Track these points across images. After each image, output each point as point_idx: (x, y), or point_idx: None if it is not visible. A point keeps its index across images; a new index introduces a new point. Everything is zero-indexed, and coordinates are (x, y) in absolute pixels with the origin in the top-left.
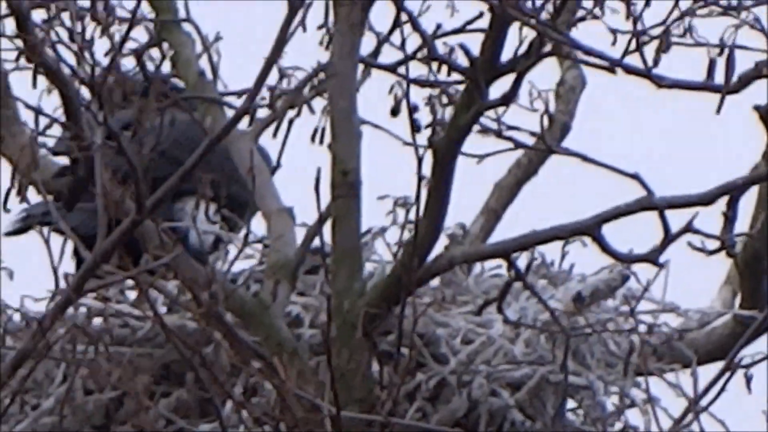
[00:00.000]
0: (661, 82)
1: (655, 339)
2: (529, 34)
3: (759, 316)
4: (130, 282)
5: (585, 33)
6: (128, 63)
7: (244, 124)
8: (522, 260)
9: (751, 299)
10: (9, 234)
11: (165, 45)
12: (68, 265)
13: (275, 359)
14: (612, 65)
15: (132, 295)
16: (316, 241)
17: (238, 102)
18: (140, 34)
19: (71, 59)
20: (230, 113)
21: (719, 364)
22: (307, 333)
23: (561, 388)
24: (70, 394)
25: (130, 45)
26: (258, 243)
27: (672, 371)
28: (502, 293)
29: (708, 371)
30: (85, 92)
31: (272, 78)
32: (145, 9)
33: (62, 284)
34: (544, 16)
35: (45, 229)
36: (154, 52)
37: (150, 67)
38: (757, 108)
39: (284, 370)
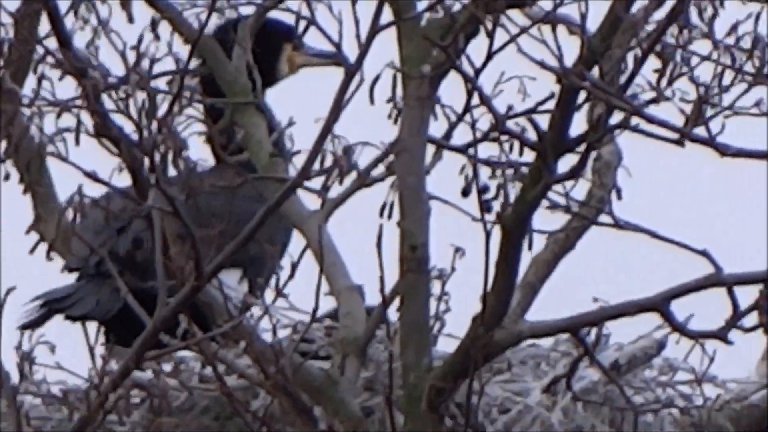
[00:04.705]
0: (726, 151)
1: (695, 411)
2: (598, 108)
3: None
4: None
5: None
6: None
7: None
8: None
9: None
10: (24, 327)
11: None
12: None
13: None
14: (681, 136)
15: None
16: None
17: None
18: None
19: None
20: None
21: None
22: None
23: None
24: None
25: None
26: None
27: None
28: (572, 368)
29: None
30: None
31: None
32: None
33: (99, 361)
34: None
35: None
36: None
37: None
38: None
39: None
